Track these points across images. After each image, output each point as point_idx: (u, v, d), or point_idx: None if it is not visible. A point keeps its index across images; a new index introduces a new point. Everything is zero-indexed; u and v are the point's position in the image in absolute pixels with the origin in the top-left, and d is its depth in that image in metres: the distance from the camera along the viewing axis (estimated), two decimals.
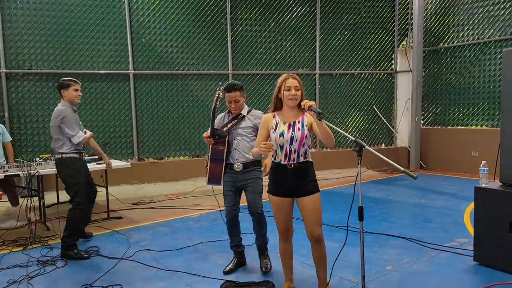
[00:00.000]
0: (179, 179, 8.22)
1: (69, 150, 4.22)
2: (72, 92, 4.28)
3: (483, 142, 8.09)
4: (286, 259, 3.25)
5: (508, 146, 3.65)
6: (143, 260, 4.06)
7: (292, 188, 3.01)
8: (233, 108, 3.70)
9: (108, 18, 7.82)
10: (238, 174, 3.68)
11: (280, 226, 3.14)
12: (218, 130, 3.74)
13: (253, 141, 3.66)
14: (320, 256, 3.12)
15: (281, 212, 3.08)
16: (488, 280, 3.42)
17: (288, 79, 2.97)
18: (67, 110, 4.22)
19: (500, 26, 8.20)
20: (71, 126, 4.19)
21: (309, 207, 3.01)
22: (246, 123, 3.71)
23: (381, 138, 9.98)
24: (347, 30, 9.53)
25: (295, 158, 2.99)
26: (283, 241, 3.19)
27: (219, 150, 3.72)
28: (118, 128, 8.06)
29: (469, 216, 5.30)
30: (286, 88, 2.96)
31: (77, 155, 4.30)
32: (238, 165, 3.66)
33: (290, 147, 2.98)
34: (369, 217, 5.37)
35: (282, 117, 3.05)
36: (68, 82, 4.30)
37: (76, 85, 4.32)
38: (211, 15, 8.55)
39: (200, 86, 8.60)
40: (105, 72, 7.84)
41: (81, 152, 4.38)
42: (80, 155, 4.36)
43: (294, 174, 3.00)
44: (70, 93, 4.27)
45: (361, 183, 2.57)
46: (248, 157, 3.64)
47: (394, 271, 3.69)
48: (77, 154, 4.30)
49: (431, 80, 9.51)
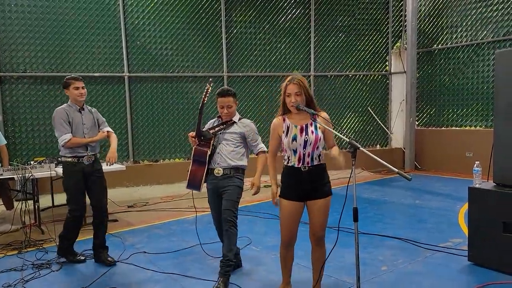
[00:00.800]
0: (174, 181, 8.20)
1: (63, 154, 4.05)
2: (72, 91, 3.99)
3: (477, 143, 8.15)
4: (286, 265, 3.18)
5: (501, 147, 3.68)
6: (139, 263, 4.05)
7: (305, 192, 2.99)
8: (224, 113, 3.65)
9: (103, 21, 7.81)
10: (219, 179, 3.58)
11: (285, 234, 3.06)
12: (205, 131, 3.69)
13: (239, 148, 3.62)
14: (317, 257, 3.13)
15: (290, 218, 3.01)
16: (482, 280, 3.45)
17: (288, 86, 2.93)
18: (59, 111, 4.00)
19: (493, 27, 8.27)
20: (57, 128, 3.97)
21: (321, 210, 3.02)
22: (234, 129, 3.66)
23: (375, 139, 10.02)
24: (341, 32, 9.58)
25: (309, 162, 2.96)
26: (285, 248, 3.12)
27: (203, 152, 3.62)
28: (113, 130, 8.00)
29: (464, 216, 5.33)
30: (287, 95, 2.96)
31: (71, 159, 3.99)
32: (218, 170, 3.56)
33: (304, 150, 2.94)
34: (364, 218, 5.39)
35: (293, 120, 3.01)
36: (68, 81, 4.01)
37: (76, 83, 3.98)
38: (205, 17, 8.56)
39: (195, 89, 8.60)
40: (100, 75, 7.83)
41: (79, 156, 4.01)
42: (77, 159, 4.00)
43: (308, 178, 2.97)
44: (71, 92, 4.00)
45: (356, 184, 2.58)
46: (230, 163, 3.57)
47: (389, 271, 3.71)
48: (72, 158, 3.99)
49: (425, 82, 9.57)
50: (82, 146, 4.05)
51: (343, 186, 4.53)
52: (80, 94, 4.01)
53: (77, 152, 4.03)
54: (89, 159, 4.09)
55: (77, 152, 4.03)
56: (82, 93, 4.03)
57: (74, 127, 4.02)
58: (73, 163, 4.01)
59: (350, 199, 2.66)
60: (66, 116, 3.99)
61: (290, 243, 3.10)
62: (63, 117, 3.98)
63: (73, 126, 4.02)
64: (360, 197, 6.56)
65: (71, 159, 4.01)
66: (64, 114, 4.00)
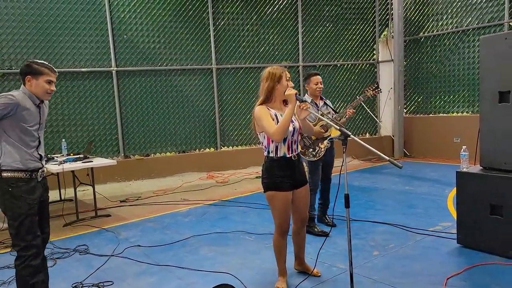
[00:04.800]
0: (166, 175, 8.21)
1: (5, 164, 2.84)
2: (42, 83, 2.87)
3: (464, 129, 8.27)
4: (282, 254, 3.21)
5: (486, 132, 3.76)
6: (133, 256, 4.07)
7: (296, 181, 3.07)
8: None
9: (88, 15, 7.72)
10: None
11: (284, 223, 3.09)
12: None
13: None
14: (303, 236, 3.33)
15: (287, 208, 3.06)
16: (472, 261, 3.53)
17: (285, 72, 3.06)
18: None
19: (478, 14, 8.36)
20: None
21: (306, 196, 3.19)
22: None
23: (365, 127, 10.11)
24: (328, 22, 9.60)
25: (295, 149, 3.06)
26: (283, 237, 3.15)
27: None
28: (103, 126, 7.99)
29: (452, 200, 5.43)
30: (287, 79, 3.05)
31: (22, 174, 2.83)
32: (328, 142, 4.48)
33: (292, 138, 3.02)
34: (355, 206, 5.47)
35: (276, 110, 3.05)
36: (41, 69, 2.88)
37: (52, 75, 2.92)
38: (192, 9, 8.51)
39: (184, 81, 8.58)
40: (87, 70, 7.75)
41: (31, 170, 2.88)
42: (29, 174, 2.87)
43: (297, 166, 3.09)
44: (39, 84, 2.86)
45: (347, 172, 2.64)
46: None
47: (381, 256, 3.78)
48: (23, 173, 2.83)
49: (413, 69, 9.66)
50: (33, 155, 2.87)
51: (334, 175, 4.61)
52: (51, 91, 2.91)
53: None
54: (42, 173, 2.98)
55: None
56: (53, 90, 2.93)
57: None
58: (25, 179, 2.83)
59: (342, 188, 2.71)
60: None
61: (287, 231, 3.17)
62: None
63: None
64: (351, 185, 6.64)
65: (22, 173, 2.82)
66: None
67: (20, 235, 2.78)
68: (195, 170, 8.45)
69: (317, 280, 3.32)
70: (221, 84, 8.87)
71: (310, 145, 4.42)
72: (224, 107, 8.87)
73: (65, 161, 5.43)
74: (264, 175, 3.08)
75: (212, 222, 5.18)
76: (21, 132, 2.79)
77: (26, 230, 2.79)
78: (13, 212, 2.78)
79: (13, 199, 2.77)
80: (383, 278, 3.32)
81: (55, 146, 7.43)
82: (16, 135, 2.77)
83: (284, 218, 3.08)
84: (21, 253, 2.80)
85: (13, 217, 2.78)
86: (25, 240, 2.79)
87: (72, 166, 5.31)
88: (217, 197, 6.46)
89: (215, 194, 6.70)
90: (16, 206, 2.77)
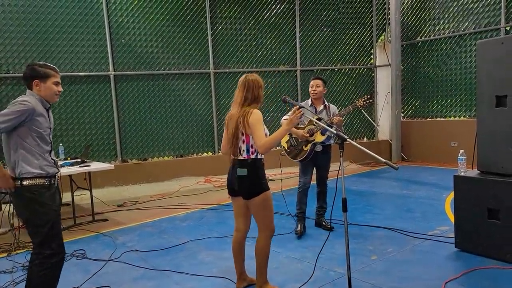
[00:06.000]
0: (163, 179, 8.19)
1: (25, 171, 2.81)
2: (51, 85, 2.91)
3: (461, 133, 8.29)
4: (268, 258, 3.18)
5: (484, 136, 3.77)
6: (131, 261, 4.05)
7: None
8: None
9: (86, 20, 7.73)
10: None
11: (273, 223, 3.13)
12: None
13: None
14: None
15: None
16: (469, 265, 3.53)
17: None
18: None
19: (474, 19, 8.41)
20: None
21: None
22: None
23: (362, 132, 10.13)
24: (326, 27, 9.64)
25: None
26: (271, 239, 3.15)
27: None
28: (101, 130, 7.98)
29: (450, 205, 5.43)
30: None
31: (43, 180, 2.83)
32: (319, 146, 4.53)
33: None
34: (353, 210, 5.46)
35: None
36: (48, 71, 2.91)
37: (58, 76, 2.95)
38: (190, 14, 8.53)
39: (182, 86, 8.58)
40: (85, 74, 7.75)
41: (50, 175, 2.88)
42: (49, 180, 2.86)
43: None
44: (49, 87, 2.89)
45: (345, 176, 2.64)
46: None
47: (379, 260, 3.77)
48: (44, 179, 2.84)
49: (410, 74, 9.69)
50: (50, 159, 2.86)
51: (332, 179, 4.61)
52: (59, 92, 2.93)
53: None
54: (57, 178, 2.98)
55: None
56: (61, 91, 2.96)
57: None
58: (46, 186, 2.81)
59: (339, 192, 2.71)
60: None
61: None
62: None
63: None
64: (349, 189, 6.63)
65: (43, 180, 2.79)
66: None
67: (47, 243, 2.75)
68: (193, 174, 8.44)
69: (316, 284, 3.31)
70: (218, 89, 8.88)
71: (296, 146, 4.57)
72: (222, 111, 8.87)
73: (63, 166, 5.41)
74: (259, 175, 3.03)
75: (210, 226, 5.17)
76: (37, 138, 2.76)
77: (53, 237, 2.77)
78: (40, 219, 2.73)
79: (39, 207, 2.73)
80: (381, 282, 3.31)
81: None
82: (33, 141, 2.75)
83: (272, 218, 3.13)
84: (45, 260, 2.75)
85: (39, 225, 2.74)
86: (51, 248, 2.76)
87: (69, 170, 5.30)
88: (215, 201, 6.45)
89: (212, 198, 6.69)
90: (42, 213, 2.73)
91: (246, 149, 3.03)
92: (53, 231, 2.77)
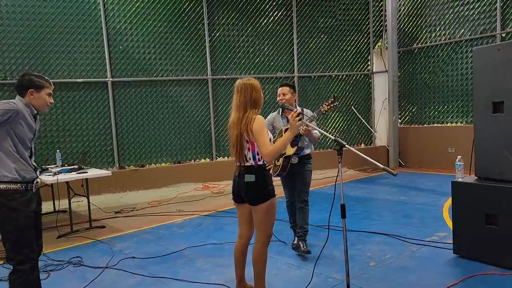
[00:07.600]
0: (161, 186, 8.17)
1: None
2: (44, 96, 2.95)
3: (458, 139, 8.32)
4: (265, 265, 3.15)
5: (481, 141, 3.78)
6: (128, 268, 4.02)
7: None
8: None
9: (84, 26, 7.74)
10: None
11: (271, 229, 3.10)
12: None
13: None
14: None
15: None
16: (468, 271, 3.52)
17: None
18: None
19: (470, 26, 8.47)
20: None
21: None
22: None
23: (360, 138, 10.15)
24: (323, 33, 9.69)
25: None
26: (267, 246, 3.12)
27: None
28: (98, 136, 7.97)
29: (448, 210, 5.44)
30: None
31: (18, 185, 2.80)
32: (294, 158, 4.12)
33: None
34: (351, 216, 5.46)
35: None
36: (42, 82, 2.97)
37: (51, 88, 3.02)
38: (188, 20, 8.56)
39: (180, 92, 8.59)
40: (83, 81, 7.74)
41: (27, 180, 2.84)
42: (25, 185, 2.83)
43: None
44: (41, 97, 2.91)
45: (343, 182, 2.63)
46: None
47: (378, 267, 3.76)
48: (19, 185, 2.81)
49: (407, 80, 9.74)
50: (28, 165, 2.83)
51: (329, 185, 4.61)
52: (50, 103, 2.99)
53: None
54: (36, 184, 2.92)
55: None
56: (52, 103, 3.03)
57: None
58: (21, 191, 2.78)
59: (337, 198, 2.71)
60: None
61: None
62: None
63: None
64: (347, 195, 6.63)
65: (18, 185, 2.76)
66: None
67: (17, 248, 2.73)
68: (191, 180, 8.42)
69: None
70: (216, 95, 8.89)
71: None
72: (219, 117, 8.88)
73: (60, 172, 5.39)
74: (266, 181, 3.01)
75: (208, 233, 5.15)
76: (17, 141, 2.75)
77: (24, 244, 2.74)
78: (10, 225, 2.72)
79: (10, 212, 2.71)
80: None
81: (49, 157, 7.37)
82: (11, 144, 2.74)
83: (273, 225, 3.10)
84: (17, 267, 2.73)
85: (10, 230, 2.72)
86: (22, 254, 2.73)
87: (66, 177, 5.27)
88: (213, 208, 6.43)
89: (210, 205, 6.67)
90: (13, 219, 2.71)
91: (253, 156, 3.00)
92: (24, 237, 2.74)
